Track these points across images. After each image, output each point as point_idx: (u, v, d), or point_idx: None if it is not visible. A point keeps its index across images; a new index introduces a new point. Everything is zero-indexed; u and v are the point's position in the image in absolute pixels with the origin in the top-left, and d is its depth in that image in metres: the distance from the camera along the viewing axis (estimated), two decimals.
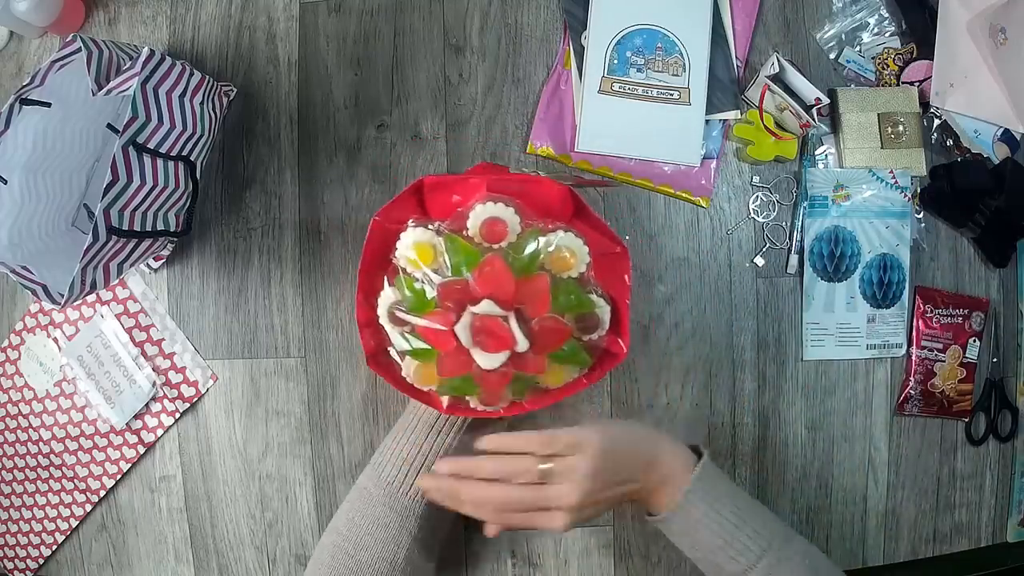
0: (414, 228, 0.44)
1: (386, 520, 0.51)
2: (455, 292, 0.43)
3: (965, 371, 0.70)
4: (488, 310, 0.43)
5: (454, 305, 0.43)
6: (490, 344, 0.43)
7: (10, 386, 0.71)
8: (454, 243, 0.43)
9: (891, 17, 0.71)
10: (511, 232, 0.44)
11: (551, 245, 0.44)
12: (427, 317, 0.44)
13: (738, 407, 0.69)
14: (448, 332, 0.43)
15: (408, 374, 0.47)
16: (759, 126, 0.67)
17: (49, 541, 0.71)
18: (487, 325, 0.43)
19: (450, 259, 0.43)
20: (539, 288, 0.43)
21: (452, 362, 0.44)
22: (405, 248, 0.44)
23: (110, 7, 0.70)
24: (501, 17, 0.69)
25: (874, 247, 0.69)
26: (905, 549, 0.70)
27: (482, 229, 0.44)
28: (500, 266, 0.43)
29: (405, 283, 0.44)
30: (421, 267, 0.44)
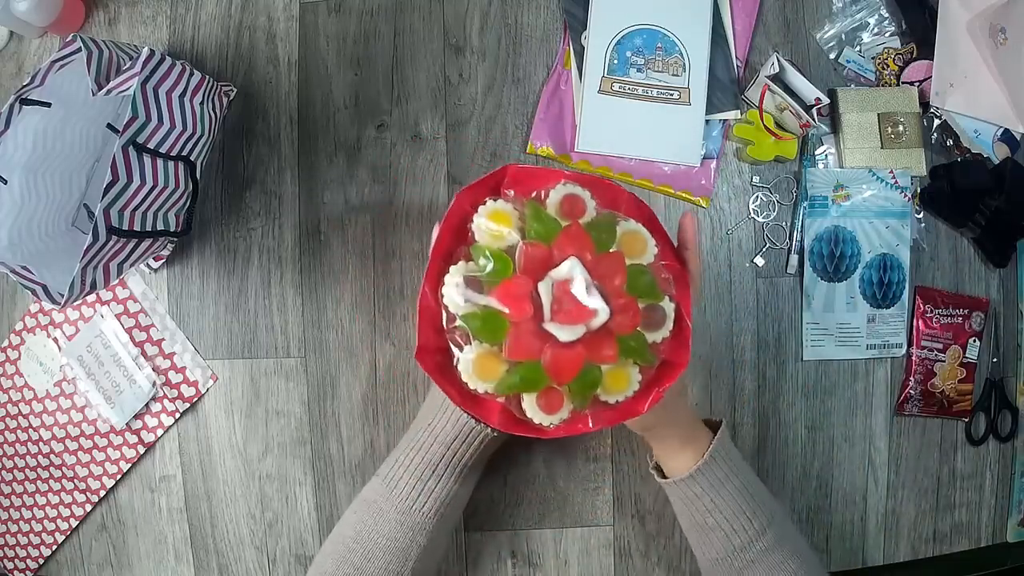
0: (493, 201, 0.44)
1: (396, 535, 0.51)
2: (538, 255, 0.42)
3: (965, 371, 0.70)
4: (572, 269, 0.42)
5: (535, 270, 0.42)
6: (571, 314, 0.42)
7: (10, 386, 0.71)
8: (537, 212, 0.43)
9: (891, 17, 0.71)
10: (588, 212, 0.45)
11: (627, 227, 0.45)
12: (505, 283, 0.42)
13: (738, 407, 0.69)
14: (525, 297, 0.42)
15: (466, 370, 0.44)
16: (759, 126, 0.67)
17: (49, 541, 0.71)
18: (568, 293, 0.42)
19: (532, 226, 0.43)
20: (616, 263, 0.43)
21: (525, 340, 0.42)
22: (483, 216, 0.43)
23: (110, 7, 0.70)
24: (501, 17, 0.69)
25: (874, 247, 0.69)
26: (905, 549, 0.70)
27: (563, 205, 0.44)
28: (582, 232, 0.43)
29: (479, 250, 0.43)
30: (501, 232, 0.43)
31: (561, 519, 0.68)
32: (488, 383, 0.44)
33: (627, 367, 0.45)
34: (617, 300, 0.43)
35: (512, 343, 0.42)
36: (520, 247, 0.43)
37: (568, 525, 0.68)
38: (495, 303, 0.42)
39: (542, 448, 0.68)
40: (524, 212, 0.44)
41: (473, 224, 0.44)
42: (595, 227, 0.44)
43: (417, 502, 0.51)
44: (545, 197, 0.45)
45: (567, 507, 0.68)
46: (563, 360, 0.43)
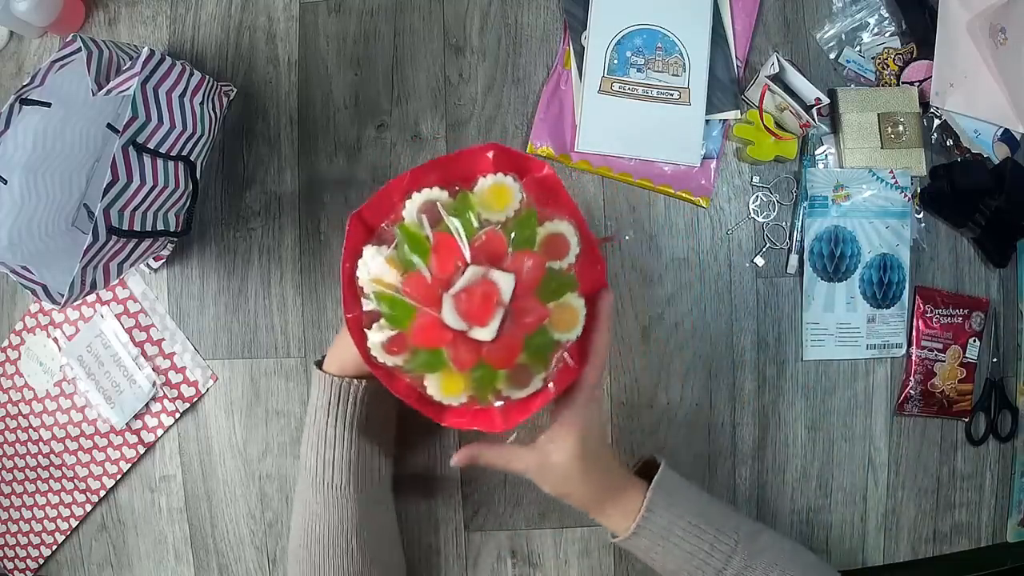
0: (512, 179, 0.44)
1: (326, 517, 0.53)
2: (496, 247, 0.43)
3: (965, 371, 0.70)
4: (506, 286, 0.42)
5: (482, 255, 0.43)
6: (471, 307, 0.42)
7: (10, 386, 0.71)
8: (531, 218, 0.43)
9: (891, 17, 0.71)
10: (562, 262, 0.44)
11: (572, 301, 0.45)
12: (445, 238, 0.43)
13: (738, 407, 0.69)
14: (453, 263, 0.42)
15: (375, 346, 0.45)
16: (759, 126, 0.67)
17: (49, 541, 0.71)
18: (486, 292, 0.42)
19: (516, 227, 0.43)
20: (539, 315, 0.43)
21: (430, 330, 0.43)
22: (492, 181, 0.44)
23: (110, 7, 0.70)
24: (501, 17, 0.69)
25: (874, 247, 0.69)
26: (905, 549, 0.70)
27: (549, 238, 0.44)
28: (540, 272, 0.43)
29: (465, 201, 0.44)
30: (490, 206, 0.43)
31: (561, 519, 0.68)
32: (393, 359, 0.45)
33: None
34: (510, 340, 0.43)
35: (416, 330, 0.43)
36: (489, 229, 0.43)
37: (568, 525, 0.68)
38: (434, 243, 0.43)
39: None
40: (523, 209, 0.44)
41: (480, 179, 0.45)
42: (553, 277, 0.44)
43: (325, 475, 0.53)
44: (545, 218, 0.45)
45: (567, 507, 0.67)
46: (462, 355, 0.43)
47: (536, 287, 0.43)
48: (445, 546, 0.68)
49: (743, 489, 0.69)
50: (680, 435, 0.68)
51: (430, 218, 0.43)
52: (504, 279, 0.42)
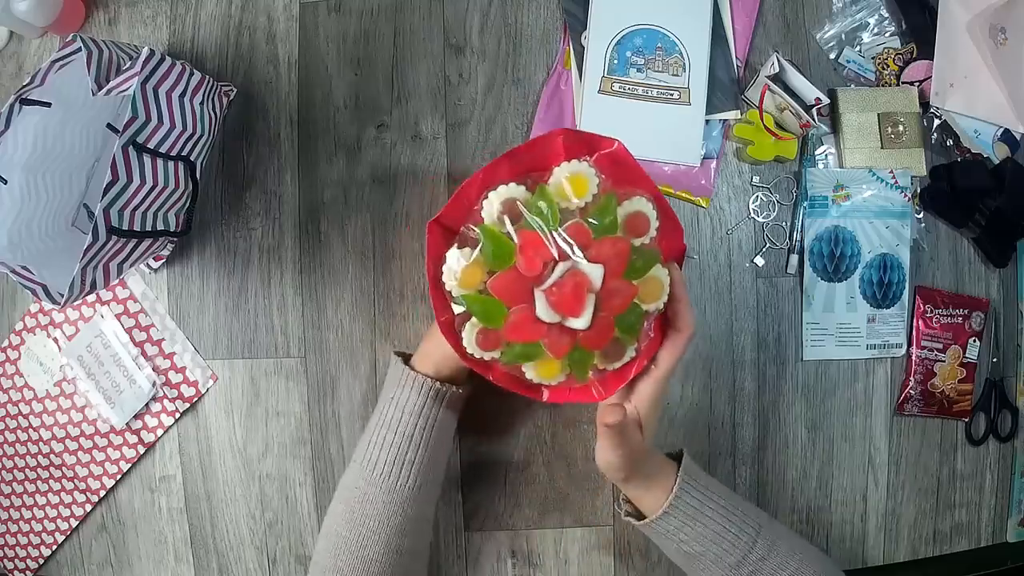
0: (587, 164, 0.44)
1: (387, 515, 0.52)
2: (582, 237, 0.42)
3: (965, 371, 0.70)
4: (595, 276, 0.43)
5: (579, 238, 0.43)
6: (563, 300, 0.43)
7: (10, 386, 0.71)
8: (611, 202, 0.43)
9: (891, 17, 0.71)
10: (643, 237, 0.44)
11: (657, 272, 0.45)
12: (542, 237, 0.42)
13: (738, 407, 0.69)
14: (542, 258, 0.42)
15: (469, 342, 0.45)
16: (759, 126, 0.67)
17: (49, 541, 0.71)
18: (578, 283, 0.43)
19: (597, 214, 0.43)
20: (628, 293, 0.44)
21: (525, 326, 0.44)
22: (567, 169, 0.43)
23: (110, 7, 0.70)
24: (501, 17, 0.69)
25: (874, 247, 0.69)
26: (905, 549, 0.70)
27: (630, 217, 0.44)
28: (626, 253, 0.43)
29: (544, 194, 0.43)
30: (569, 195, 0.43)
31: (561, 519, 0.68)
32: (490, 353, 0.46)
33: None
34: (602, 322, 0.44)
35: (510, 328, 0.44)
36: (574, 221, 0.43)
37: (568, 525, 0.68)
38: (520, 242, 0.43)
39: (542, 448, 0.68)
40: (601, 194, 0.43)
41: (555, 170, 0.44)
42: (638, 255, 0.44)
43: (400, 478, 0.52)
44: (623, 197, 0.44)
45: (567, 507, 0.68)
46: (559, 344, 0.45)
47: (624, 270, 0.44)
48: (445, 546, 0.68)
49: (743, 489, 0.69)
50: (680, 435, 0.68)
51: (511, 215, 0.43)
52: (594, 270, 0.43)
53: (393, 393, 0.54)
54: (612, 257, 0.43)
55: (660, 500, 0.51)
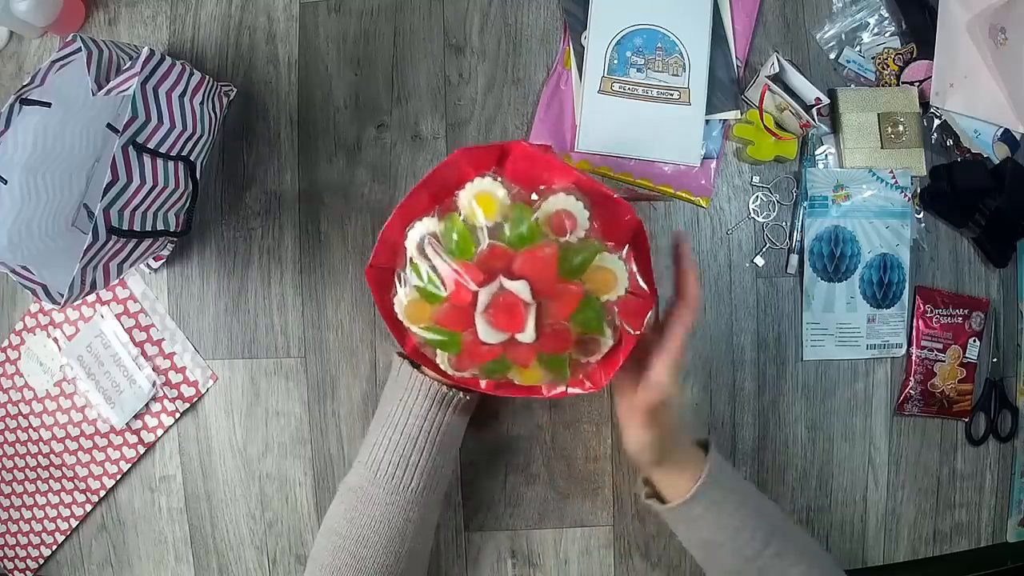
0: (491, 179, 0.43)
1: (389, 517, 0.51)
2: (500, 257, 0.42)
3: (965, 371, 0.70)
4: (521, 291, 0.42)
5: (489, 269, 0.42)
6: (500, 321, 0.43)
7: (10, 386, 0.71)
8: (522, 214, 0.42)
9: (891, 17, 0.71)
10: (575, 232, 0.44)
11: (603, 262, 0.44)
12: (460, 263, 0.43)
13: (738, 407, 0.69)
14: (468, 290, 0.42)
15: (400, 305, 0.46)
16: (759, 126, 0.67)
17: (49, 541, 0.71)
18: (508, 302, 0.42)
19: (511, 227, 0.42)
20: (572, 294, 0.44)
21: (454, 318, 0.44)
22: (471, 191, 0.43)
23: (110, 7, 0.70)
24: (501, 17, 0.69)
25: (874, 247, 0.69)
26: (905, 549, 0.70)
27: (553, 220, 0.43)
28: (550, 257, 0.42)
29: (453, 223, 0.43)
30: (478, 218, 0.43)
31: (561, 519, 0.68)
32: (469, 371, 0.47)
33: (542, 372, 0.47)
34: (555, 327, 0.44)
35: (467, 353, 0.45)
36: (488, 244, 0.43)
37: (568, 525, 0.68)
38: (443, 275, 0.43)
39: (542, 448, 0.68)
40: (511, 206, 0.43)
41: (461, 192, 0.44)
42: (571, 253, 0.43)
43: (403, 480, 0.52)
44: (540, 199, 0.44)
45: (567, 507, 0.68)
46: (521, 356, 0.45)
47: (555, 272, 0.43)
48: (445, 546, 0.68)
49: None
50: None
51: (433, 249, 0.44)
52: (518, 286, 0.42)
53: (400, 395, 0.53)
54: (536, 267, 0.42)
55: (687, 485, 0.51)
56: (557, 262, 0.43)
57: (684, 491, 0.51)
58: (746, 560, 0.51)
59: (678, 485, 0.52)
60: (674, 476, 0.53)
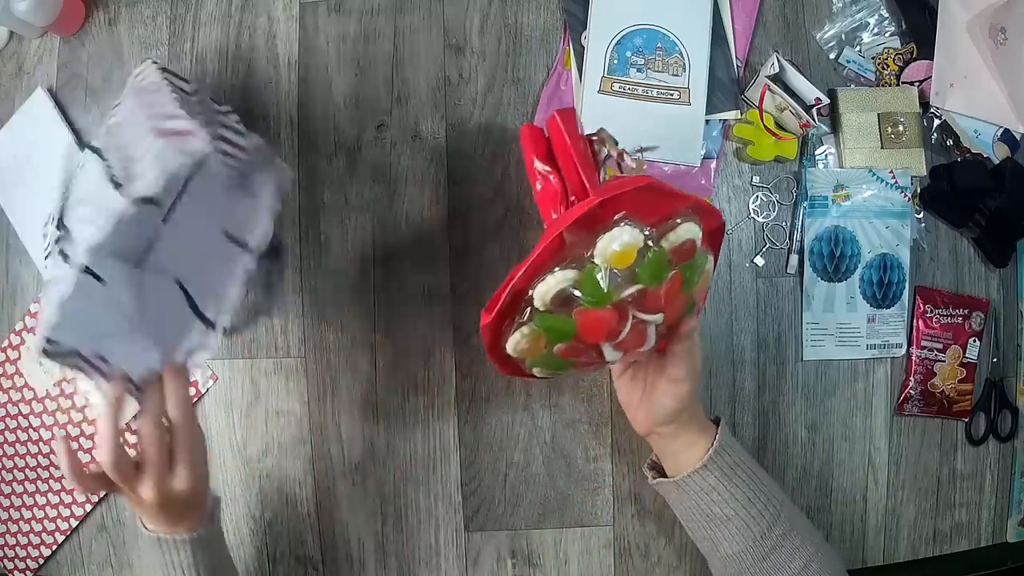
0: (631, 227, 0.42)
1: None
2: (635, 300, 0.43)
3: (965, 371, 0.70)
4: (654, 320, 0.44)
5: (623, 307, 0.43)
6: (628, 345, 0.45)
7: (10, 386, 0.71)
8: (658, 256, 0.43)
9: (891, 17, 0.71)
10: (697, 251, 0.45)
11: (706, 269, 0.47)
12: (598, 312, 0.43)
13: (738, 407, 0.69)
14: (605, 328, 0.43)
15: (514, 345, 0.45)
16: (759, 126, 0.67)
17: (49, 541, 0.71)
18: (637, 330, 0.44)
19: (650, 270, 0.43)
20: (682, 303, 0.46)
21: (577, 352, 0.45)
22: (615, 244, 0.42)
23: (110, 7, 0.70)
24: (501, 17, 0.69)
25: (874, 247, 0.69)
26: (905, 549, 0.70)
27: (676, 247, 0.44)
28: (678, 286, 0.45)
29: (590, 274, 0.42)
30: (616, 266, 0.42)
31: (561, 519, 0.68)
32: (527, 357, 0.47)
33: None
34: (668, 328, 0.47)
35: (569, 351, 0.45)
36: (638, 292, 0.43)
37: (568, 525, 0.68)
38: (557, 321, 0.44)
39: (542, 448, 0.68)
40: (647, 249, 0.42)
41: (599, 244, 0.42)
42: (689, 273, 0.45)
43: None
44: (664, 230, 0.44)
45: (567, 507, 0.68)
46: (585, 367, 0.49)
47: (680, 292, 0.45)
48: (445, 546, 0.68)
49: None
50: None
51: (564, 300, 0.43)
52: (655, 318, 0.44)
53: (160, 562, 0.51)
54: (670, 299, 0.44)
55: (696, 457, 0.52)
56: (681, 283, 0.45)
57: (695, 461, 0.52)
58: (754, 539, 0.50)
59: (689, 456, 0.52)
60: (687, 447, 0.53)
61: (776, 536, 0.50)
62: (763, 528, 0.50)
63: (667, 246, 0.43)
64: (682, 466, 0.53)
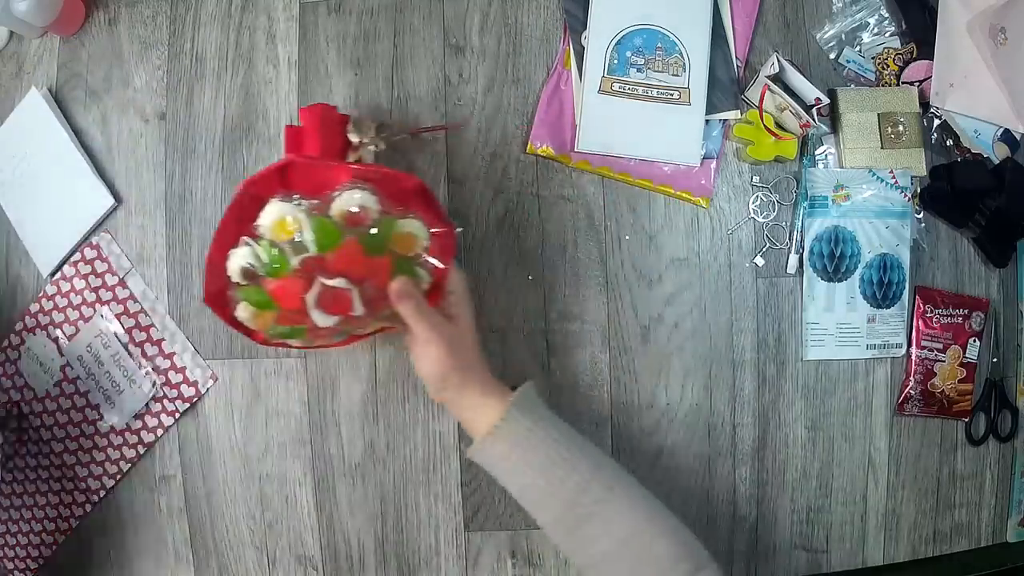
0: (280, 202, 0.48)
1: None
2: (314, 265, 0.47)
3: (965, 371, 0.70)
4: (339, 284, 0.48)
5: (307, 276, 0.48)
6: (332, 308, 0.48)
7: (10, 386, 0.71)
8: (319, 224, 0.48)
9: (891, 17, 0.71)
10: (371, 220, 0.49)
11: (400, 229, 0.50)
12: (281, 281, 0.48)
13: (738, 407, 0.69)
14: (297, 295, 0.47)
15: (244, 317, 0.50)
16: (759, 126, 0.67)
17: (49, 541, 0.71)
18: (334, 294, 0.48)
19: (314, 237, 0.47)
20: (383, 267, 0.49)
21: (292, 319, 0.49)
22: (268, 219, 0.48)
23: (110, 7, 0.70)
24: (501, 17, 0.69)
25: (874, 247, 0.69)
26: (905, 549, 0.70)
27: (346, 215, 0.48)
28: (355, 250, 0.48)
29: (264, 248, 0.48)
30: (280, 239, 0.48)
31: None
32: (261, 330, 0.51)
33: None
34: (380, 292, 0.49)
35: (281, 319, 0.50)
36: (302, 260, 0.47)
37: None
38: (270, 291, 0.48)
39: None
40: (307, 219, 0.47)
41: (259, 222, 0.49)
42: (370, 238, 0.49)
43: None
44: (328, 202, 0.49)
45: None
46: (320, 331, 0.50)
47: (363, 257, 0.48)
48: (445, 546, 0.68)
49: (743, 489, 0.69)
50: (680, 435, 0.68)
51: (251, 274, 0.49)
52: (336, 281, 0.47)
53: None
54: (345, 261, 0.48)
55: (488, 423, 0.50)
56: (362, 249, 0.48)
57: (486, 429, 0.50)
58: (564, 505, 0.48)
59: (481, 424, 0.51)
60: (474, 415, 0.52)
61: (588, 503, 0.48)
62: (570, 495, 0.48)
63: (335, 215, 0.48)
64: (478, 433, 0.52)
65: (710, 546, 0.49)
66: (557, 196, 0.69)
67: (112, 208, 0.69)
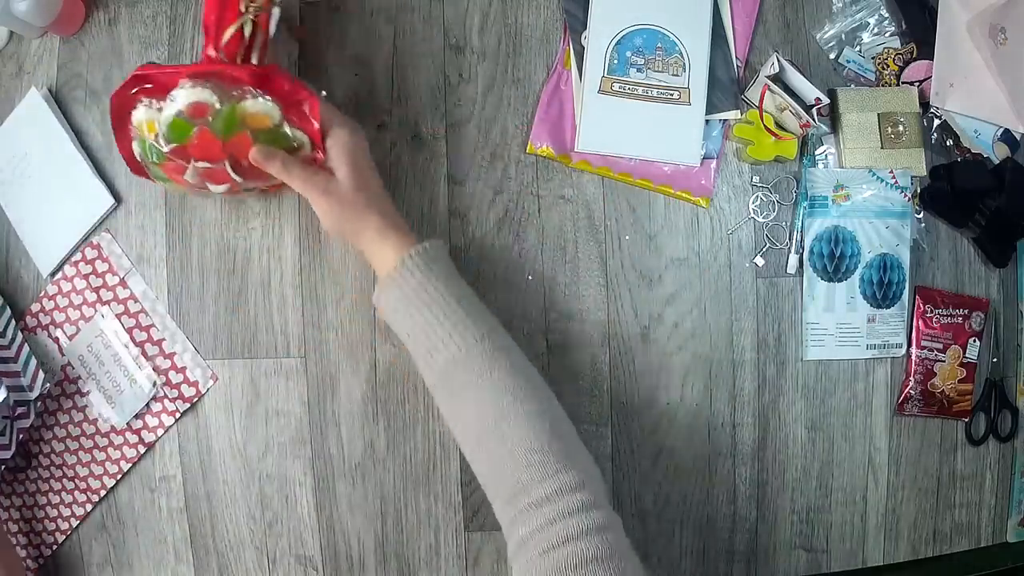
0: (144, 107, 0.55)
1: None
2: (181, 153, 0.55)
3: (965, 371, 0.70)
4: (205, 165, 0.55)
5: (183, 160, 0.55)
6: (214, 180, 0.57)
7: None
8: (169, 124, 0.53)
9: (891, 17, 0.71)
10: (212, 108, 0.53)
11: (246, 111, 0.54)
12: (163, 167, 0.56)
13: (738, 407, 0.69)
14: (180, 174, 0.56)
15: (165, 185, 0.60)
16: (759, 126, 0.67)
17: (49, 541, 0.71)
18: (209, 171, 0.56)
19: (169, 134, 0.54)
20: (243, 143, 0.54)
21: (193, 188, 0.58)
22: (135, 121, 0.56)
23: (110, 7, 0.70)
24: (501, 17, 0.69)
25: (874, 247, 0.69)
26: (905, 549, 0.70)
27: (188, 111, 0.53)
28: (207, 137, 0.54)
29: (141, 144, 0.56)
30: (149, 137, 0.55)
31: None
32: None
33: None
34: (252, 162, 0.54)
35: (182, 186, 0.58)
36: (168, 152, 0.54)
37: None
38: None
39: None
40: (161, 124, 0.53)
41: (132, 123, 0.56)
42: (214, 123, 0.53)
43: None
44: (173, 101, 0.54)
45: None
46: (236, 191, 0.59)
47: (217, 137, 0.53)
48: (445, 546, 0.68)
49: (743, 489, 0.69)
50: (680, 435, 0.68)
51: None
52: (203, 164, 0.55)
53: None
54: (203, 146, 0.54)
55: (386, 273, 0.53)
56: (215, 133, 0.53)
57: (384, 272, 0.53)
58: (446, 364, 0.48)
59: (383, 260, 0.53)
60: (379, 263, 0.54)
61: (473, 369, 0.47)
62: (452, 355, 0.48)
63: (184, 110, 0.53)
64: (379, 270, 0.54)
65: (710, 546, 0.49)
66: (557, 196, 0.69)
67: (112, 208, 0.69)
